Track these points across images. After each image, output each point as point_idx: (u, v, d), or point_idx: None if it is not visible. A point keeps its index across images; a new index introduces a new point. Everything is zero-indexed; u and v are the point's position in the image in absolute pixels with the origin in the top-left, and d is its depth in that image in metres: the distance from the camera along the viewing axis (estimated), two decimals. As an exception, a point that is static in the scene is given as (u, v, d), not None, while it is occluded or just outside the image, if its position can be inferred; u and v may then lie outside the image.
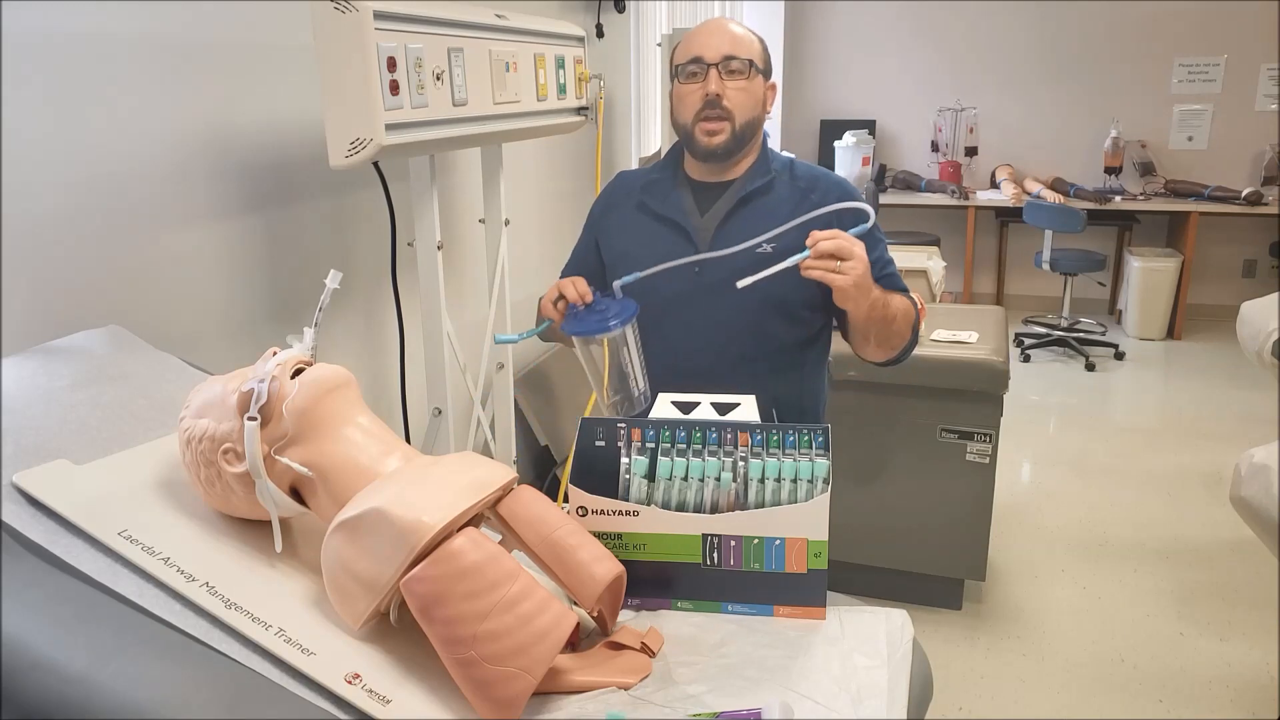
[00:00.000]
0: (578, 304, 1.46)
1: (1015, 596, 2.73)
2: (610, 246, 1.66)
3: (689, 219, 1.57)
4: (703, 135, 1.52)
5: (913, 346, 1.58)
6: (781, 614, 1.13)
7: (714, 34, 1.53)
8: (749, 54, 1.52)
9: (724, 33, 1.53)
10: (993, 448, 2.43)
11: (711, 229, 1.55)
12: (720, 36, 1.52)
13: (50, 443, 1.07)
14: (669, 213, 1.58)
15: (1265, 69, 5.33)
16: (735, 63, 1.50)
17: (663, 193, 1.61)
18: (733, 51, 1.50)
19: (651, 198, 1.61)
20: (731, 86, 1.51)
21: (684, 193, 1.60)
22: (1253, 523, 2.00)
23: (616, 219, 1.67)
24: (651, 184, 1.64)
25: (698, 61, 1.51)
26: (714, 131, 1.52)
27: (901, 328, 1.50)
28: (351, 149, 1.52)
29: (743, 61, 1.50)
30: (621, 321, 1.42)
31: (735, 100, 1.51)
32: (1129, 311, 5.38)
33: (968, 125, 5.88)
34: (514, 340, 1.55)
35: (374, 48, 1.48)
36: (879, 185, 5.74)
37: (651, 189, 1.63)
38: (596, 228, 1.71)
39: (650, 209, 1.61)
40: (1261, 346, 2.16)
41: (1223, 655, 2.43)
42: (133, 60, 1.46)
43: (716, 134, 1.52)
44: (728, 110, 1.51)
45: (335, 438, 1.01)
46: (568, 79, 2.23)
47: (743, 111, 1.52)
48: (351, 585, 0.94)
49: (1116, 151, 5.53)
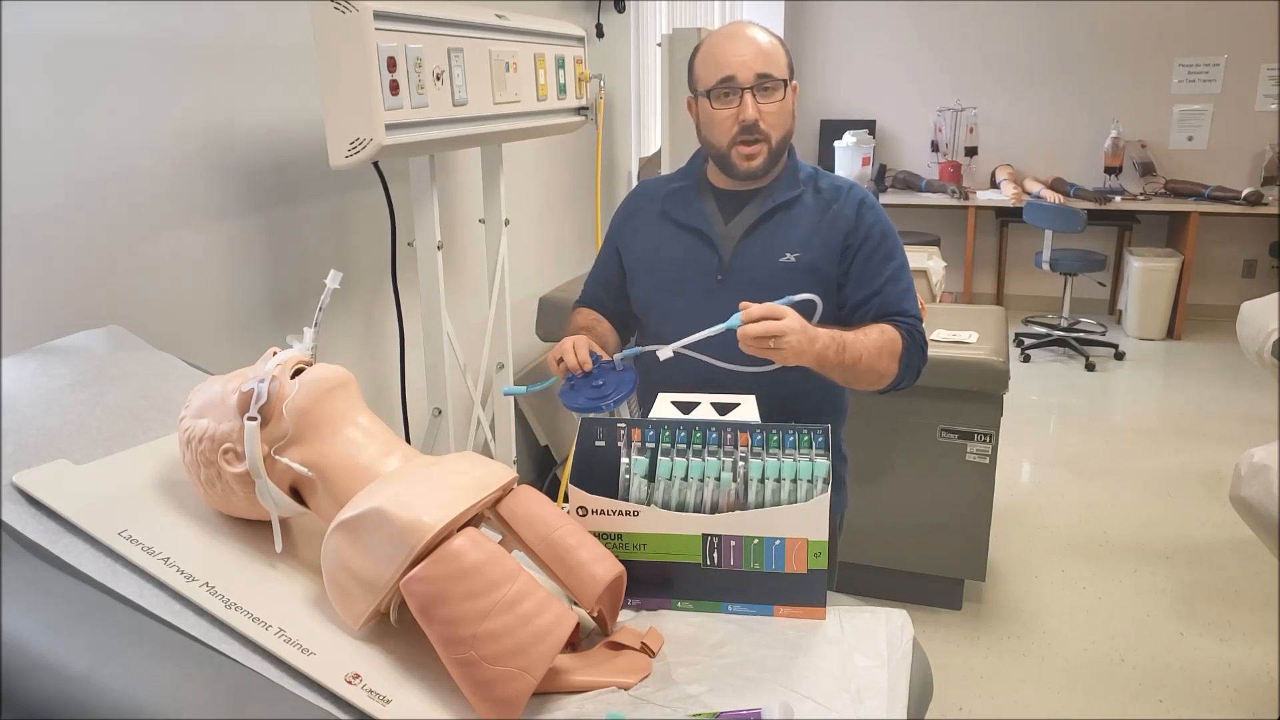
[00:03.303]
0: (576, 373, 1.42)
1: (1015, 596, 2.73)
2: (631, 253, 1.61)
3: (713, 226, 1.52)
4: (741, 160, 1.46)
5: (908, 375, 1.49)
6: (781, 614, 1.13)
7: (744, 49, 1.43)
8: (782, 70, 1.44)
9: (754, 47, 1.44)
10: (993, 448, 2.43)
11: (736, 237, 1.50)
12: (751, 52, 1.43)
13: (50, 443, 1.07)
14: (692, 220, 1.54)
15: (1265, 69, 5.33)
16: (770, 82, 1.43)
17: (685, 200, 1.56)
18: (766, 69, 1.42)
19: (674, 205, 1.56)
20: (767, 108, 1.44)
21: (707, 200, 1.56)
22: (1253, 523, 2.00)
23: (637, 226, 1.62)
24: (674, 192, 1.59)
25: (729, 82, 1.43)
26: (752, 155, 1.46)
27: (872, 366, 1.42)
28: (351, 149, 1.52)
29: (777, 80, 1.43)
30: (615, 402, 1.38)
31: (772, 121, 1.45)
32: (1129, 311, 5.38)
33: (968, 125, 5.88)
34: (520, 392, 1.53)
35: (374, 48, 1.48)
36: (879, 185, 5.74)
37: (674, 197, 1.58)
38: (617, 237, 1.66)
39: (672, 217, 1.56)
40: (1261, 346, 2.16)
41: (1223, 655, 2.43)
42: (133, 60, 1.46)
43: (755, 157, 1.46)
44: (765, 133, 1.45)
45: (335, 438, 1.01)
46: (568, 79, 2.23)
47: (779, 130, 1.46)
48: (351, 585, 0.94)
49: (1116, 151, 5.53)
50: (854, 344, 1.40)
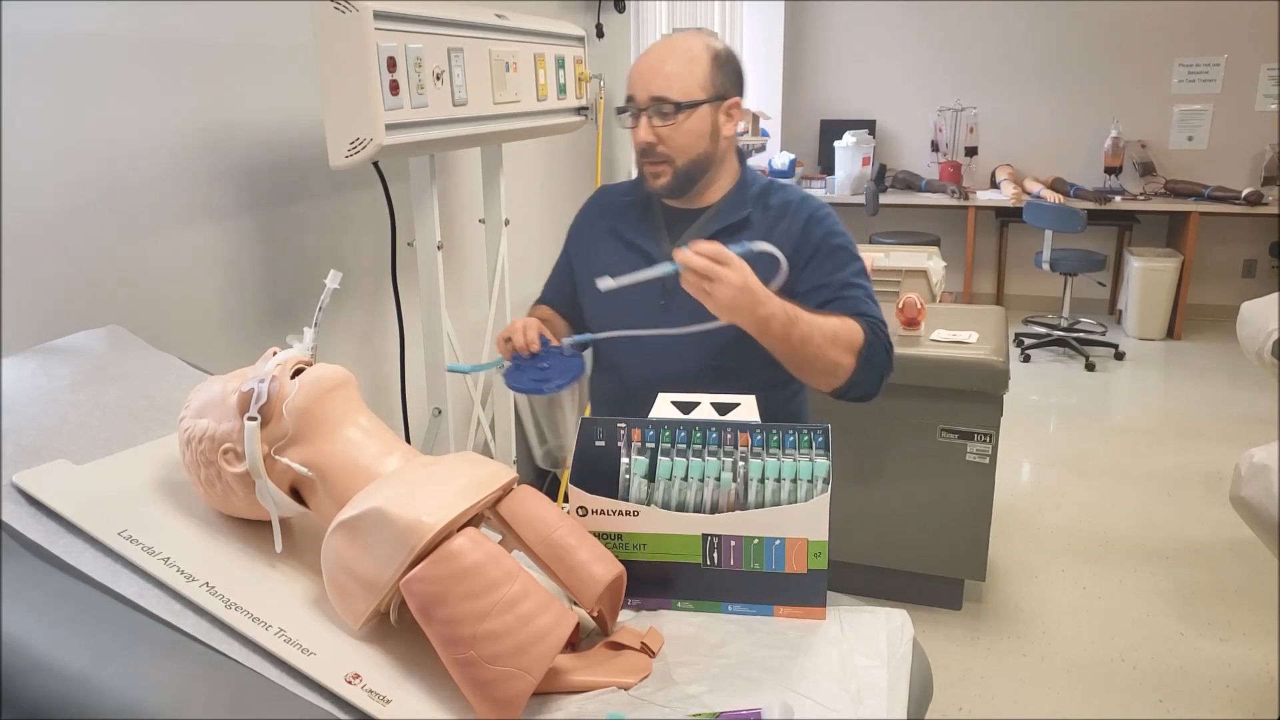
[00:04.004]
0: (523, 353, 1.41)
1: (1015, 596, 2.73)
2: (581, 270, 1.59)
3: (659, 246, 1.49)
4: (649, 178, 1.45)
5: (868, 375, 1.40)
6: (781, 614, 1.13)
7: (646, 69, 1.41)
8: (682, 93, 1.39)
9: (656, 69, 1.40)
10: (993, 448, 2.43)
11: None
12: (651, 73, 1.40)
13: (50, 443, 1.07)
14: (639, 240, 1.51)
15: (1265, 69, 5.33)
16: (665, 106, 1.38)
17: (634, 218, 1.54)
18: (662, 93, 1.38)
19: (622, 223, 1.54)
20: (664, 131, 1.40)
21: (656, 218, 1.53)
22: (1253, 523, 2.00)
23: (587, 241, 1.60)
24: (624, 207, 1.56)
25: (630, 103, 1.42)
26: (656, 175, 1.44)
27: (823, 351, 1.34)
28: (351, 149, 1.52)
29: (672, 105, 1.38)
30: (559, 385, 1.37)
31: (672, 144, 1.41)
32: (1129, 311, 5.38)
33: (968, 125, 5.88)
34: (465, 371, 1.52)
35: (374, 48, 1.48)
36: (879, 185, 5.74)
37: (624, 214, 1.56)
38: (571, 250, 1.65)
39: (621, 235, 1.54)
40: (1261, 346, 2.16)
41: (1222, 655, 2.43)
42: (133, 60, 1.46)
43: (659, 177, 1.44)
44: (665, 155, 1.41)
45: (335, 438, 1.01)
46: (568, 79, 2.23)
47: (684, 152, 1.42)
48: (351, 585, 0.94)
49: (1116, 151, 5.53)
50: (807, 321, 1.32)
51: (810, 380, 1.41)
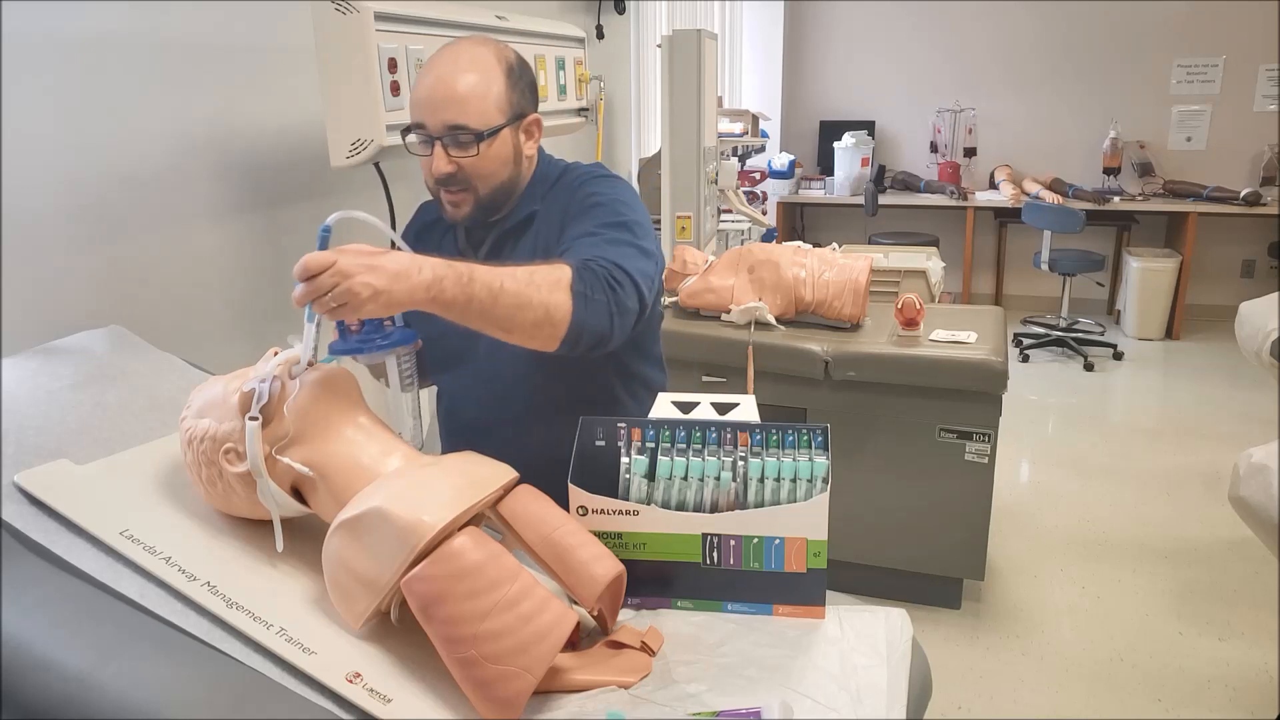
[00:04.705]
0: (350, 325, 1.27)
1: (1014, 596, 2.73)
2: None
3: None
4: (448, 206, 1.33)
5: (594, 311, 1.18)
6: (781, 613, 1.13)
7: (436, 92, 1.25)
8: (481, 119, 1.25)
9: (448, 93, 1.24)
10: (992, 448, 2.43)
11: None
12: (444, 98, 1.24)
13: (51, 443, 1.07)
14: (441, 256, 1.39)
15: (1264, 69, 5.33)
16: (464, 135, 1.25)
17: (437, 237, 1.46)
18: (458, 120, 1.24)
19: (425, 243, 1.45)
20: (464, 159, 1.27)
21: (459, 233, 1.44)
22: (1252, 522, 2.00)
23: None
24: (428, 226, 1.49)
25: (421, 129, 1.27)
26: (457, 204, 1.31)
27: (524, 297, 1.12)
28: (353, 150, 1.52)
29: (471, 134, 1.25)
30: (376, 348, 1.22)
31: (475, 171, 1.28)
32: (1128, 312, 5.38)
33: (967, 126, 5.88)
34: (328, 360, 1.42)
35: (375, 49, 1.48)
36: (878, 186, 5.74)
37: (426, 233, 1.48)
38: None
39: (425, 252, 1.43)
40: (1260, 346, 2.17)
41: (1222, 655, 2.43)
42: (133, 60, 1.46)
43: (460, 205, 1.31)
44: (467, 182, 1.29)
45: (336, 437, 1.02)
46: (568, 80, 2.23)
47: (487, 180, 1.30)
48: (352, 584, 0.94)
49: (1115, 152, 5.53)
50: (488, 273, 1.11)
51: (532, 338, 1.17)
